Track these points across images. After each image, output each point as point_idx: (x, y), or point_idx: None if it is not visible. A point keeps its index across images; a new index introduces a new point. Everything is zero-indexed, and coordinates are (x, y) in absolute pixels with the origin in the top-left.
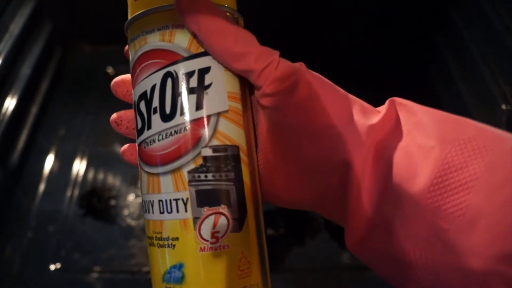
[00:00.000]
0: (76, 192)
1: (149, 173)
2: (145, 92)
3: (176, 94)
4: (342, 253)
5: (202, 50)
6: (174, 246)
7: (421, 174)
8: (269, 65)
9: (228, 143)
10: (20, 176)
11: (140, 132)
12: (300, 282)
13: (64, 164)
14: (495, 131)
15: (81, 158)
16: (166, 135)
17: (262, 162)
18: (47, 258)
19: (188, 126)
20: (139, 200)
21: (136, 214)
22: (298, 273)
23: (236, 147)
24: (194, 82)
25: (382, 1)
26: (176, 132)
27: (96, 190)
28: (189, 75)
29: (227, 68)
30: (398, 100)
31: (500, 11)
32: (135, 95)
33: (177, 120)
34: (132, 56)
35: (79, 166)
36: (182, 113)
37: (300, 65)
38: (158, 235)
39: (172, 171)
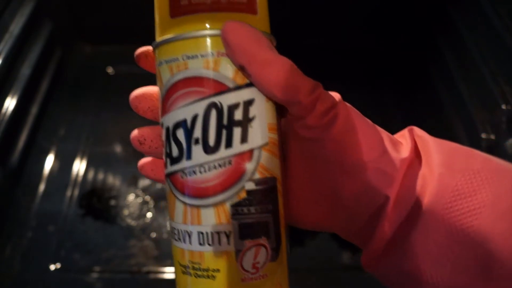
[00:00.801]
0: (76, 192)
1: (186, 204)
2: (185, 120)
3: (221, 127)
4: (342, 253)
5: (247, 81)
6: (214, 277)
7: (433, 199)
8: (315, 98)
9: (268, 175)
10: (20, 176)
11: (176, 160)
12: (300, 282)
13: (64, 164)
14: (500, 163)
15: (81, 158)
16: (209, 168)
17: (292, 190)
18: (47, 258)
19: (233, 160)
20: (139, 200)
21: (136, 214)
22: (298, 273)
23: (274, 179)
24: (239, 114)
25: (382, 1)
26: (220, 165)
27: (96, 190)
28: (234, 107)
29: (271, 99)
30: (416, 131)
31: (500, 11)
32: (168, 120)
33: (221, 153)
34: (166, 79)
35: (79, 166)
36: (227, 147)
37: (338, 98)
38: (196, 266)
39: (215, 204)
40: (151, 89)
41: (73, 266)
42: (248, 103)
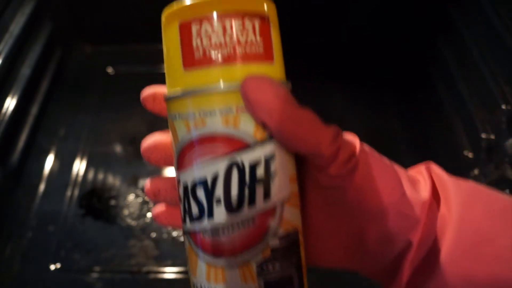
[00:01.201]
0: (76, 192)
1: (209, 263)
2: (205, 180)
3: (243, 186)
4: None
5: (267, 136)
6: None
7: (453, 243)
8: (337, 148)
9: (291, 229)
10: (20, 176)
11: (196, 219)
12: None
13: (64, 164)
14: None
15: (81, 158)
16: (232, 227)
17: (313, 236)
18: (47, 258)
19: (257, 218)
20: (139, 200)
21: (136, 214)
22: None
23: (297, 232)
24: (261, 171)
25: (382, 1)
26: (243, 224)
27: (96, 190)
28: (256, 164)
29: (293, 152)
30: (433, 169)
31: (500, 11)
32: (186, 177)
33: (244, 212)
34: (181, 134)
35: (79, 166)
36: (249, 206)
37: (358, 144)
38: None
39: (240, 264)
40: (163, 139)
41: (73, 266)
42: (270, 159)
